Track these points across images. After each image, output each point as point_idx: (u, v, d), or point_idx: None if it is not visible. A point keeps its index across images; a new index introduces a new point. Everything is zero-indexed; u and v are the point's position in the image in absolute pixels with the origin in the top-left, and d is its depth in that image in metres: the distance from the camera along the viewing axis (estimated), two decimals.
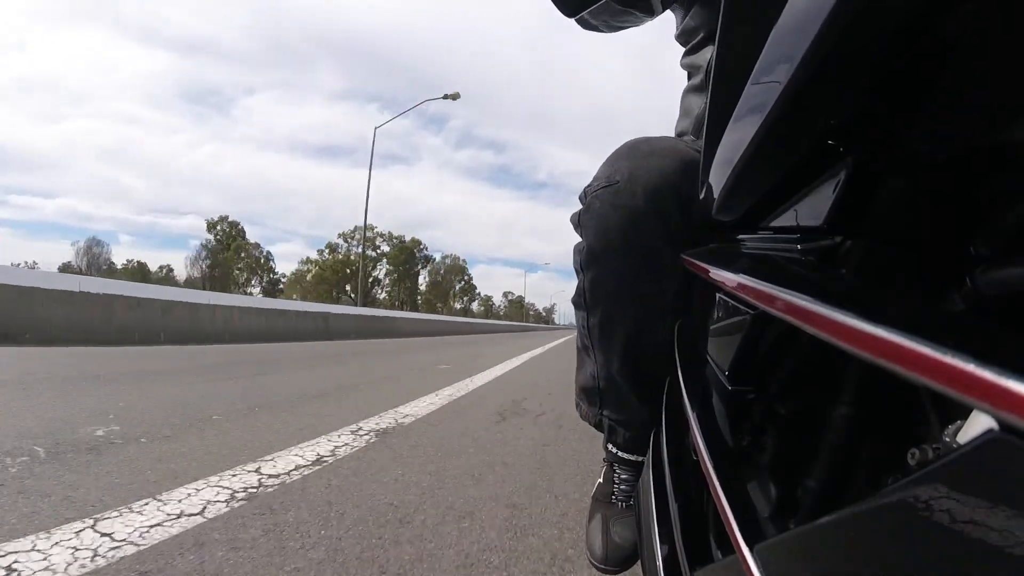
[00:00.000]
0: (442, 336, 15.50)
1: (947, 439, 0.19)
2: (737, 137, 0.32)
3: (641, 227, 0.69)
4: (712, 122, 0.40)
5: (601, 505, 0.90)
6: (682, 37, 0.87)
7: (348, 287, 49.45)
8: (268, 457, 1.68)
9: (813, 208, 0.29)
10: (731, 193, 0.39)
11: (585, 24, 0.84)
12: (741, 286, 0.33)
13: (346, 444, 1.91)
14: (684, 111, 0.89)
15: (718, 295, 0.47)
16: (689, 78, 0.89)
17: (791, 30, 0.23)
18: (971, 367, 0.13)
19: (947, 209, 0.25)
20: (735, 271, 0.36)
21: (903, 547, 0.17)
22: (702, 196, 0.49)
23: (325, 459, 1.70)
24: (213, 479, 1.44)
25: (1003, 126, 0.21)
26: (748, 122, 0.29)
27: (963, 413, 0.18)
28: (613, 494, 0.90)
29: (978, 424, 0.16)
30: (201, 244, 52.23)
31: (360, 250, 46.54)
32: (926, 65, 0.22)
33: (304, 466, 1.61)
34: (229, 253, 52.41)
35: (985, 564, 0.14)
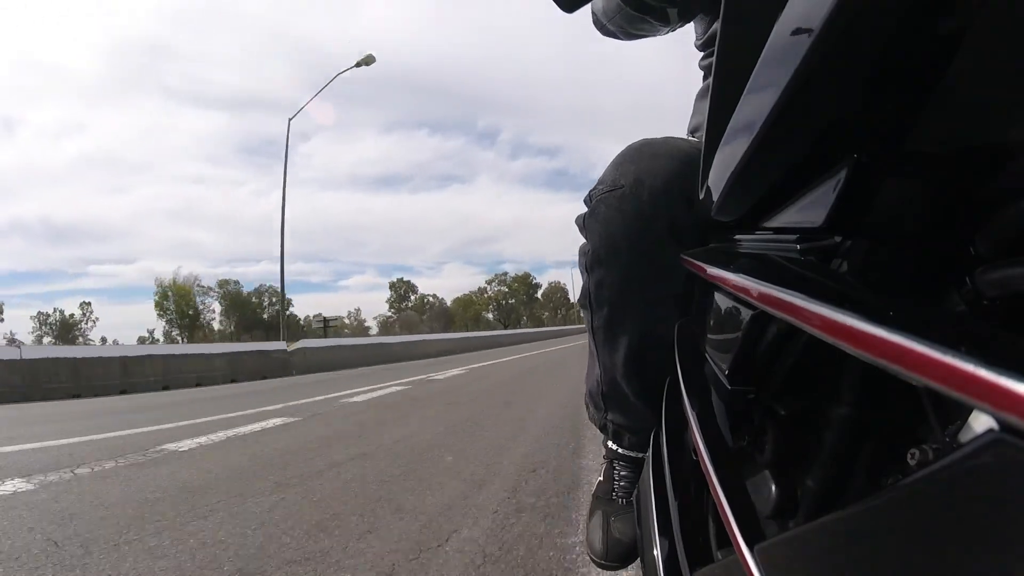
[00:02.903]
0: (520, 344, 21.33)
1: (947, 439, 0.19)
2: (737, 137, 0.32)
3: (646, 231, 0.70)
4: (712, 122, 0.40)
5: (601, 502, 0.91)
6: (703, 45, 0.88)
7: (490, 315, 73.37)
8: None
9: (813, 208, 0.29)
10: (731, 193, 0.39)
11: (604, 31, 0.85)
12: (741, 286, 0.33)
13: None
14: (697, 110, 0.91)
15: (718, 295, 0.47)
16: (704, 79, 0.90)
17: (791, 30, 0.23)
18: (971, 367, 0.13)
19: (947, 209, 0.25)
20: (734, 271, 0.36)
21: (903, 547, 0.17)
22: (702, 196, 0.49)
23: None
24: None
25: (1003, 126, 0.21)
26: (748, 122, 0.29)
27: (963, 413, 0.18)
28: (613, 491, 0.90)
29: (978, 424, 0.16)
30: (386, 300, 69.13)
31: (498, 289, 72.33)
32: (926, 65, 0.22)
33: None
34: (414, 302, 69.44)
35: (985, 564, 0.14)
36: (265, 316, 54.62)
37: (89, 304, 50.25)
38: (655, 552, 0.52)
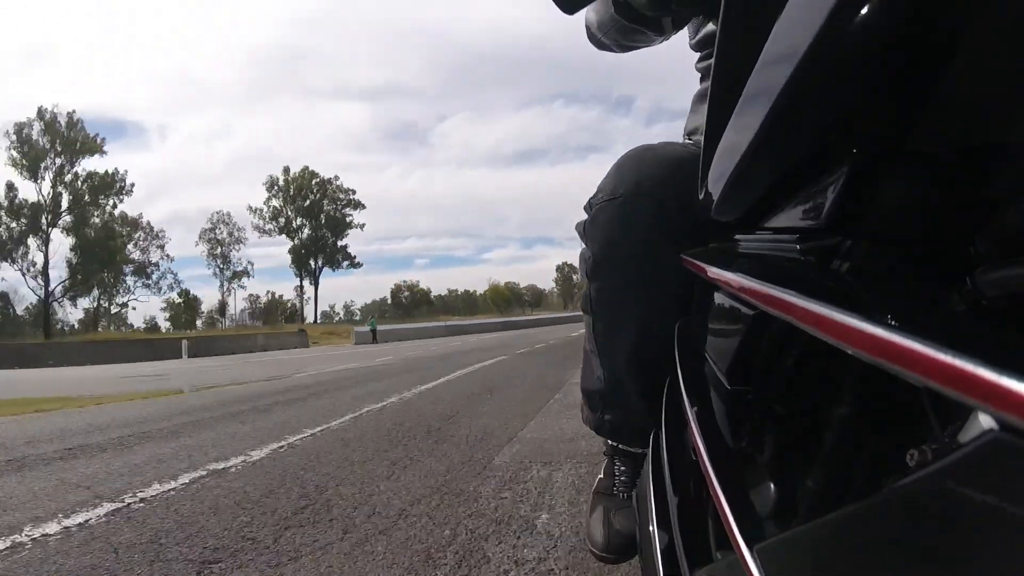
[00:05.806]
0: None
1: (947, 439, 0.19)
2: (737, 137, 0.32)
3: (643, 240, 0.71)
4: (712, 122, 0.40)
5: (602, 498, 0.92)
6: (698, 46, 0.89)
7: None
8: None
9: (813, 208, 0.29)
10: (731, 193, 0.39)
11: (599, 44, 0.85)
12: (741, 286, 0.33)
13: None
14: (695, 111, 0.92)
15: (718, 295, 0.47)
16: (702, 80, 0.91)
17: (791, 30, 0.23)
18: (971, 367, 0.13)
19: (947, 209, 0.25)
20: (734, 271, 0.36)
21: (903, 547, 0.17)
22: (702, 196, 0.49)
23: None
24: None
25: (1004, 126, 0.21)
26: (748, 122, 0.29)
27: (963, 413, 0.18)
28: (614, 486, 0.92)
29: (978, 424, 0.16)
30: (553, 279, 79.71)
31: None
32: (926, 64, 0.21)
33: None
34: (576, 283, 78.00)
35: (985, 564, 0.14)
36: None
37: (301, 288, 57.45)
38: (655, 550, 0.52)
